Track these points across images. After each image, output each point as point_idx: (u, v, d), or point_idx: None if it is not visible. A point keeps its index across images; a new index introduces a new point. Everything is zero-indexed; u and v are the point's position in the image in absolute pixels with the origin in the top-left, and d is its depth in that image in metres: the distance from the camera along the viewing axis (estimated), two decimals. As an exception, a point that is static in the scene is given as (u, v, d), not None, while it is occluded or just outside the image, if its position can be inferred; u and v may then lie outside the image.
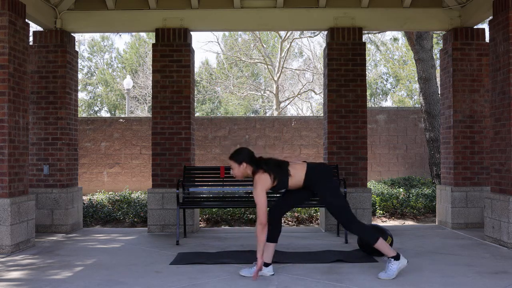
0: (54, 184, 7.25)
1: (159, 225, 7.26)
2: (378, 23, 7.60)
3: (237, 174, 4.57)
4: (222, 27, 8.03)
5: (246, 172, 4.55)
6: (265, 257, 4.62)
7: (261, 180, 4.44)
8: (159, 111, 7.36)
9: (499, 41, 6.05)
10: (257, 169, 4.49)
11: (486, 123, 7.41)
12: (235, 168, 4.55)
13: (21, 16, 6.10)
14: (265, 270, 4.61)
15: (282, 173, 4.50)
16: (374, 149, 12.69)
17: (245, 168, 4.53)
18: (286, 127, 12.74)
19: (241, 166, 4.52)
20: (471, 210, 7.40)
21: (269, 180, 4.45)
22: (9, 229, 5.66)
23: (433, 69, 10.67)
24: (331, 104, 7.37)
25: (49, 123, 7.30)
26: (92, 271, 4.83)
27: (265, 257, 4.63)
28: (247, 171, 4.54)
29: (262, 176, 4.46)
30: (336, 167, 6.97)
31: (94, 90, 35.69)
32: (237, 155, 4.56)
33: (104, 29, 7.95)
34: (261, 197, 4.40)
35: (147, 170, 12.58)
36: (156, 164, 7.34)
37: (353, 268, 4.90)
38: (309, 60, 27.66)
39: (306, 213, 8.41)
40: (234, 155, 4.57)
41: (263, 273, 4.59)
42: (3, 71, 5.74)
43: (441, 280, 4.41)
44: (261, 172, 4.47)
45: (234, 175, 4.59)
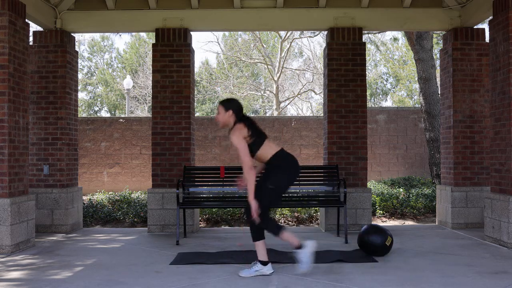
0: (54, 184, 7.25)
1: (159, 225, 7.26)
2: (378, 23, 7.60)
3: (221, 121, 4.71)
4: (222, 27, 8.03)
5: (229, 121, 4.67)
6: (260, 256, 4.62)
7: (238, 129, 4.56)
8: (159, 111, 7.36)
9: (499, 41, 6.05)
10: (240, 121, 4.62)
11: (486, 123, 7.41)
12: (221, 113, 4.69)
13: (21, 16, 6.10)
14: (264, 268, 4.61)
15: (258, 137, 4.61)
16: (374, 149, 12.69)
17: (230, 117, 4.66)
18: (286, 127, 12.74)
19: (227, 113, 4.65)
20: (471, 210, 7.40)
21: (246, 132, 4.55)
22: (9, 229, 5.66)
23: (433, 69, 10.67)
24: (331, 104, 7.37)
25: (49, 123, 7.30)
26: (92, 271, 4.83)
27: (261, 256, 4.62)
28: (230, 120, 4.66)
29: (240, 126, 4.58)
30: (336, 167, 6.97)
31: (94, 90, 35.69)
32: (227, 102, 4.70)
33: (104, 29, 7.95)
34: (240, 141, 4.50)
35: (147, 170, 12.58)
36: (156, 164, 7.34)
37: (353, 268, 4.90)
38: (309, 60, 27.66)
39: (306, 213, 8.41)
40: (225, 102, 4.71)
41: (262, 272, 4.59)
42: (3, 71, 5.74)
43: (441, 280, 4.41)
44: (244, 125, 4.58)
45: (217, 120, 4.74)
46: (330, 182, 6.94)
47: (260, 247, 4.63)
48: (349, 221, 7.22)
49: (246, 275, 4.57)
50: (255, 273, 4.58)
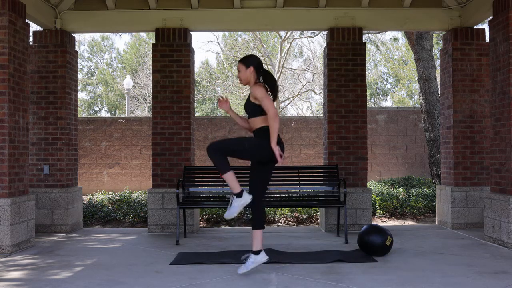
0: (54, 184, 7.25)
1: (159, 225, 7.26)
2: (378, 23, 7.60)
3: (242, 78, 4.71)
4: (222, 27, 8.03)
5: (250, 78, 4.68)
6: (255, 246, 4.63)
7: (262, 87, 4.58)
8: (159, 111, 7.36)
9: (499, 41, 6.05)
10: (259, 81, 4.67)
11: (486, 123, 7.41)
12: (242, 71, 4.70)
13: (21, 16, 6.10)
14: (258, 257, 4.61)
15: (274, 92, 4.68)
16: (374, 149, 12.69)
17: (251, 73, 4.66)
18: (286, 127, 12.74)
19: (247, 70, 4.67)
20: (471, 210, 7.40)
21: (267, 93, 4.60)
22: (9, 229, 5.66)
23: (433, 69, 10.67)
24: (331, 104, 7.37)
25: (49, 123, 7.30)
26: (92, 271, 4.83)
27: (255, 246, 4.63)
28: (251, 78, 4.66)
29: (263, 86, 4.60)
30: (336, 167, 6.98)
31: (94, 90, 35.69)
32: (247, 59, 4.71)
33: (104, 29, 7.95)
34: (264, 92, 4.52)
35: (147, 170, 12.58)
36: (156, 164, 7.34)
37: (353, 268, 4.89)
38: (309, 60, 27.66)
39: (306, 213, 8.41)
40: (245, 58, 4.73)
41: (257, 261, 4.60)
42: (3, 71, 5.74)
43: (441, 280, 4.41)
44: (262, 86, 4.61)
45: (239, 78, 4.74)
46: (330, 182, 6.94)
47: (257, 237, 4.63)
48: (349, 221, 7.22)
49: (245, 270, 4.58)
50: (252, 264, 4.58)
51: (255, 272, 4.73)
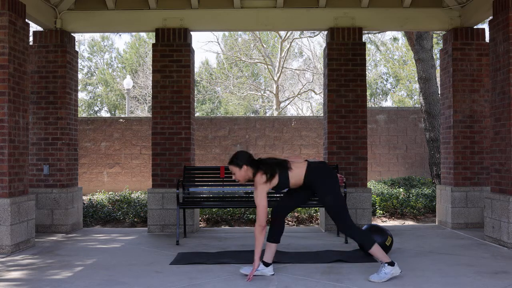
0: (54, 184, 7.25)
1: (159, 225, 7.26)
2: (378, 23, 7.60)
3: (240, 178, 4.55)
4: (222, 27, 8.02)
5: (247, 175, 4.52)
6: (266, 257, 4.63)
7: (259, 183, 4.44)
8: (159, 111, 7.36)
9: (499, 41, 6.05)
10: (257, 171, 4.49)
11: (486, 123, 7.41)
12: (236, 172, 4.53)
13: (21, 16, 6.10)
14: (266, 270, 4.61)
15: (280, 169, 4.49)
16: (374, 149, 12.68)
17: (246, 171, 4.51)
18: (286, 127, 12.74)
19: (242, 169, 4.50)
20: (471, 210, 7.40)
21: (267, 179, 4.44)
22: (9, 229, 5.66)
23: (433, 69, 10.66)
24: (331, 104, 7.37)
25: (49, 123, 7.30)
26: (92, 271, 4.83)
27: (266, 257, 4.63)
28: (249, 173, 4.52)
29: (260, 178, 4.45)
30: (336, 167, 6.97)
31: (94, 90, 35.69)
32: (236, 159, 4.53)
33: (104, 29, 7.94)
34: (262, 198, 4.41)
35: (147, 170, 12.58)
36: (156, 164, 7.34)
37: (353, 268, 4.89)
38: (309, 60, 27.67)
39: (306, 213, 8.41)
40: (234, 160, 4.54)
41: (263, 273, 4.59)
42: (3, 71, 5.74)
43: (441, 280, 4.41)
44: (261, 173, 4.47)
45: (236, 179, 4.57)
46: (330, 182, 6.93)
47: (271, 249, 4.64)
48: (349, 221, 7.20)
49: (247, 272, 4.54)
50: (256, 272, 4.57)
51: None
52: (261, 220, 4.40)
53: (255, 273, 4.57)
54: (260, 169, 4.48)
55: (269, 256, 4.65)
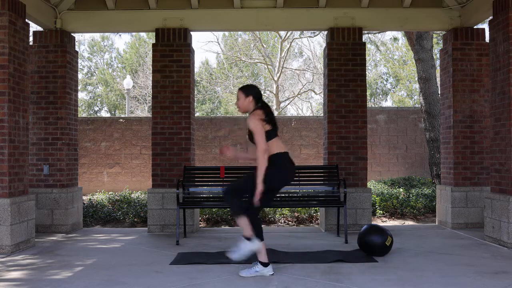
0: (54, 184, 7.25)
1: (159, 225, 7.26)
2: (378, 23, 7.60)
3: (241, 106, 4.74)
4: (222, 27, 8.03)
5: (249, 107, 4.71)
6: (262, 257, 4.61)
7: (258, 114, 4.58)
8: (159, 111, 7.36)
9: (499, 41, 6.05)
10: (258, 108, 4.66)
11: (486, 123, 7.41)
12: (241, 99, 4.73)
13: (21, 16, 6.10)
14: (265, 270, 4.61)
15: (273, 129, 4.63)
16: (374, 149, 12.68)
17: (250, 102, 4.70)
18: (286, 127, 12.74)
19: (247, 99, 4.70)
20: (471, 210, 7.40)
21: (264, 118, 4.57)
22: (9, 229, 5.66)
23: (433, 69, 10.67)
24: (331, 104, 7.37)
25: (49, 123, 7.30)
26: (92, 271, 4.83)
27: (262, 257, 4.61)
28: (250, 106, 4.70)
29: (259, 112, 4.61)
30: (336, 167, 6.97)
31: (94, 90, 35.68)
32: (247, 88, 4.75)
33: (104, 29, 7.95)
34: (258, 125, 4.52)
35: (147, 170, 12.58)
36: (156, 164, 7.34)
37: (353, 268, 4.89)
38: (309, 60, 27.66)
39: (306, 213, 8.41)
40: (245, 87, 4.76)
41: (263, 273, 4.59)
42: (3, 71, 5.74)
43: (441, 280, 4.41)
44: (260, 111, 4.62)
45: (237, 106, 4.78)
46: (330, 182, 6.94)
47: (261, 249, 4.63)
48: (349, 221, 7.21)
49: (246, 275, 4.57)
50: (255, 274, 4.58)
51: (255, 272, 4.73)
52: (263, 144, 4.49)
53: (254, 275, 4.56)
54: (261, 108, 4.64)
55: (263, 254, 4.62)
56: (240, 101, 4.74)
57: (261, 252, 4.63)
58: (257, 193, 4.49)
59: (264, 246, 4.65)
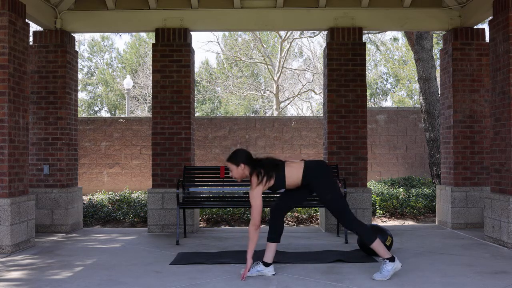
0: (54, 184, 7.25)
1: (159, 225, 7.26)
2: (378, 23, 7.60)
3: (236, 176, 4.57)
4: (222, 27, 8.03)
5: (244, 173, 4.55)
6: (266, 257, 4.63)
7: (255, 183, 4.46)
8: (159, 111, 7.36)
9: (499, 41, 6.05)
10: (254, 170, 4.50)
11: (486, 123, 7.41)
12: (233, 170, 4.55)
13: (21, 16, 6.10)
14: (266, 270, 4.61)
15: (277, 171, 4.50)
16: (374, 149, 12.68)
17: (243, 169, 4.52)
18: (286, 127, 12.74)
19: (239, 167, 4.52)
20: (471, 210, 7.40)
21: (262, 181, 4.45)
22: (9, 229, 5.66)
23: (433, 69, 10.67)
24: (331, 104, 7.37)
25: (49, 123, 7.30)
26: (92, 271, 4.83)
27: (267, 257, 4.63)
28: (246, 172, 4.54)
29: (255, 179, 4.47)
30: (336, 167, 6.97)
31: (94, 90, 35.69)
32: (235, 157, 4.55)
33: (104, 29, 7.94)
34: (257, 198, 4.43)
35: (147, 170, 12.58)
36: (156, 164, 7.34)
37: (353, 268, 4.89)
38: (309, 60, 27.67)
39: (306, 213, 8.41)
40: (232, 157, 4.56)
41: (264, 273, 4.59)
42: (3, 71, 5.74)
43: (441, 280, 4.41)
44: (257, 174, 4.48)
45: (233, 177, 4.60)
46: (330, 182, 6.93)
47: (271, 249, 4.63)
48: (349, 221, 7.21)
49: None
50: (257, 273, 4.58)
51: (255, 272, 4.73)
52: (256, 219, 4.42)
53: (256, 274, 4.57)
54: (256, 169, 4.49)
55: (270, 256, 4.64)
56: (234, 172, 4.54)
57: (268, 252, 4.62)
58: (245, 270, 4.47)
59: (275, 248, 4.65)
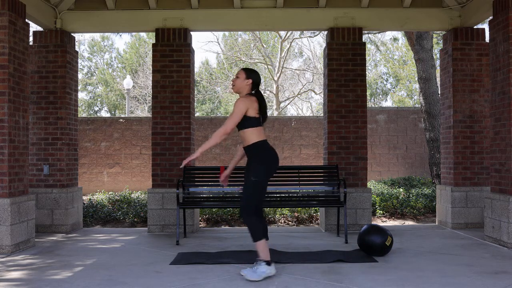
0: (54, 184, 7.25)
1: (159, 225, 7.26)
2: (378, 23, 7.60)
3: (237, 85, 4.68)
4: (222, 27, 8.02)
5: (244, 89, 4.65)
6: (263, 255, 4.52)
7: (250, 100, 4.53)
8: (159, 111, 7.36)
9: (499, 41, 6.05)
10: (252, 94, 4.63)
11: (486, 123, 7.41)
12: (241, 78, 4.65)
13: (21, 16, 6.10)
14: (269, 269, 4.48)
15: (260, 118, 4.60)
16: (374, 149, 12.69)
17: (247, 85, 4.63)
18: (286, 127, 12.74)
19: (246, 80, 4.64)
20: (471, 210, 7.40)
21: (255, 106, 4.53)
22: (9, 229, 5.66)
23: (433, 69, 10.67)
24: (331, 104, 7.37)
25: (49, 123, 7.30)
26: (92, 271, 4.83)
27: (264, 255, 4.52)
28: (245, 89, 4.64)
29: (253, 99, 4.56)
30: (336, 167, 6.97)
31: (94, 90, 35.69)
32: (250, 71, 4.69)
33: (104, 29, 7.94)
34: (240, 110, 4.47)
35: (147, 170, 12.58)
36: (156, 164, 7.34)
37: (353, 268, 4.89)
38: (309, 60, 27.68)
39: (306, 213, 8.41)
40: (248, 69, 4.71)
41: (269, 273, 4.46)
42: (3, 71, 5.74)
43: (441, 280, 4.41)
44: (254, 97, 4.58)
45: (233, 84, 4.71)
46: (330, 182, 6.94)
47: (262, 247, 4.54)
48: (349, 221, 7.22)
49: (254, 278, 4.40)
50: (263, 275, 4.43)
51: (255, 272, 4.73)
52: (228, 127, 4.46)
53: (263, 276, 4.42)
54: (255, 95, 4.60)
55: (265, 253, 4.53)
56: (239, 80, 4.66)
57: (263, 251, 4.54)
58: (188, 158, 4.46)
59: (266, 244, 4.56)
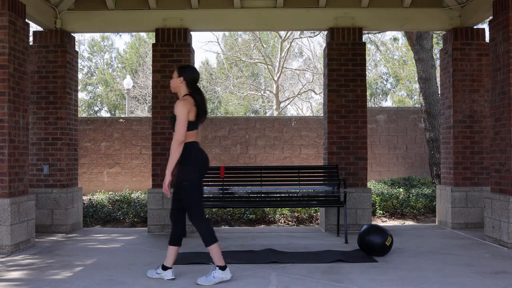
0: (54, 184, 7.25)
1: (159, 225, 7.26)
2: (378, 23, 7.60)
3: (172, 85, 4.58)
4: (222, 27, 8.02)
5: (178, 88, 4.52)
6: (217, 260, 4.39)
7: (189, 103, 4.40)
8: (159, 111, 7.36)
9: (499, 41, 6.05)
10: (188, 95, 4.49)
11: (486, 123, 7.41)
12: (174, 77, 4.55)
13: (21, 16, 6.10)
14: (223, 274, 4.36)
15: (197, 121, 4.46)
16: (374, 149, 12.68)
17: (180, 83, 4.51)
18: (286, 127, 12.74)
19: (178, 79, 4.51)
20: (471, 210, 7.40)
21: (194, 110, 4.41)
22: (9, 229, 5.66)
23: (433, 69, 10.67)
24: (331, 104, 7.37)
25: (49, 123, 7.30)
26: (92, 271, 4.83)
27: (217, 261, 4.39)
28: (180, 88, 4.51)
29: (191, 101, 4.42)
30: (336, 167, 6.97)
31: (94, 90, 35.69)
32: (182, 69, 4.56)
33: (104, 29, 7.94)
34: (183, 113, 4.33)
35: (147, 170, 12.57)
36: (156, 164, 7.34)
37: (353, 268, 4.89)
38: (309, 60, 27.68)
39: (306, 213, 8.41)
40: (181, 67, 4.58)
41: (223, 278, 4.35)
42: (3, 71, 5.74)
43: (441, 280, 4.41)
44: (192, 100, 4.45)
45: (170, 83, 4.63)
46: (330, 182, 6.94)
47: (215, 251, 4.38)
48: (349, 221, 7.22)
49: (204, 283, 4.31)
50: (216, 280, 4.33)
51: (255, 271, 4.73)
52: (181, 135, 4.31)
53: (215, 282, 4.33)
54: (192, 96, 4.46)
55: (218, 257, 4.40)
56: (173, 80, 4.55)
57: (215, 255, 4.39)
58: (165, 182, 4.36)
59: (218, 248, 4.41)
